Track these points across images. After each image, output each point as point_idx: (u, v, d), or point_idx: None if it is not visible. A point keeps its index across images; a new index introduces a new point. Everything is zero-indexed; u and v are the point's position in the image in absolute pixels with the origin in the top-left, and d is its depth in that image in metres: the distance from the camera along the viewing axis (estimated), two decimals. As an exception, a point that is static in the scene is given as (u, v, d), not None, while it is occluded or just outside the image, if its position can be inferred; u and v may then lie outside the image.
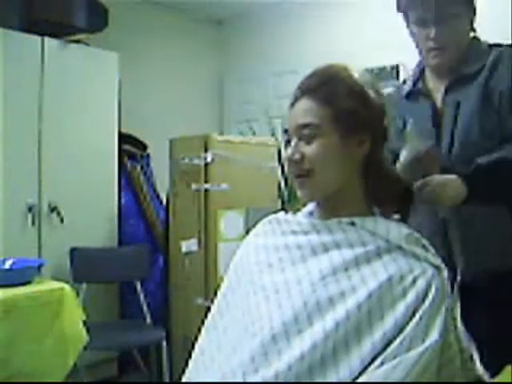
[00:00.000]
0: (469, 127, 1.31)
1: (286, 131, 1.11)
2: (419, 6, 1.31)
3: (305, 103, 1.06)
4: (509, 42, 1.40)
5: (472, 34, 1.38)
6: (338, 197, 1.07)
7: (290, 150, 1.06)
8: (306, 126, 1.05)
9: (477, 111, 1.31)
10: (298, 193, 1.09)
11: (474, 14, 1.36)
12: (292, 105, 1.10)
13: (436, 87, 1.41)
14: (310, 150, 1.04)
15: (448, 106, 1.36)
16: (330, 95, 1.04)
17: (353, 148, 1.05)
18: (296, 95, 1.09)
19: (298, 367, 0.90)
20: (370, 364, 0.89)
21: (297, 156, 1.05)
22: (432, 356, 0.90)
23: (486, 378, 1.03)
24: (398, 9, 1.40)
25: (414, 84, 1.46)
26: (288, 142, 1.09)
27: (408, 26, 1.39)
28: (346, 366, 0.90)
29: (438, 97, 1.39)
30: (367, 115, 1.06)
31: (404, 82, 1.54)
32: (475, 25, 1.38)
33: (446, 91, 1.37)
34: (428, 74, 1.45)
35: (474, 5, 1.35)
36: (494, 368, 1.04)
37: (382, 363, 0.88)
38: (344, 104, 1.04)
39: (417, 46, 1.40)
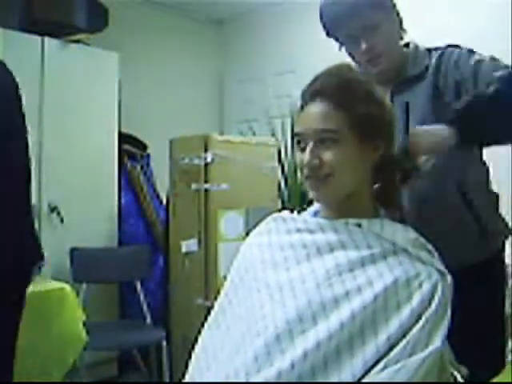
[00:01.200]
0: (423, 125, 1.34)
1: (297, 134, 1.08)
2: (344, 25, 1.36)
3: (321, 107, 1.04)
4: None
5: (406, 37, 1.43)
6: (347, 199, 1.07)
7: (307, 155, 1.03)
8: (324, 131, 1.02)
9: (428, 110, 1.35)
10: (312, 194, 1.07)
11: (398, 15, 1.40)
12: (303, 106, 1.07)
13: None
14: (329, 155, 1.02)
15: (396, 107, 1.37)
16: (348, 100, 1.03)
17: (369, 152, 1.05)
18: (309, 96, 1.06)
19: (301, 367, 0.90)
20: (372, 366, 0.89)
21: (316, 161, 1.03)
22: (434, 361, 0.90)
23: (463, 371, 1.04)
24: (327, 34, 1.45)
25: None
26: (298, 144, 1.07)
27: (341, 46, 1.43)
28: (349, 368, 0.89)
29: None
30: (382, 120, 1.06)
31: None
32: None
33: (393, 94, 1.40)
34: None
35: (395, 9, 1.39)
36: None
37: (384, 367, 0.88)
38: (362, 110, 1.02)
39: (353, 59, 1.43)
